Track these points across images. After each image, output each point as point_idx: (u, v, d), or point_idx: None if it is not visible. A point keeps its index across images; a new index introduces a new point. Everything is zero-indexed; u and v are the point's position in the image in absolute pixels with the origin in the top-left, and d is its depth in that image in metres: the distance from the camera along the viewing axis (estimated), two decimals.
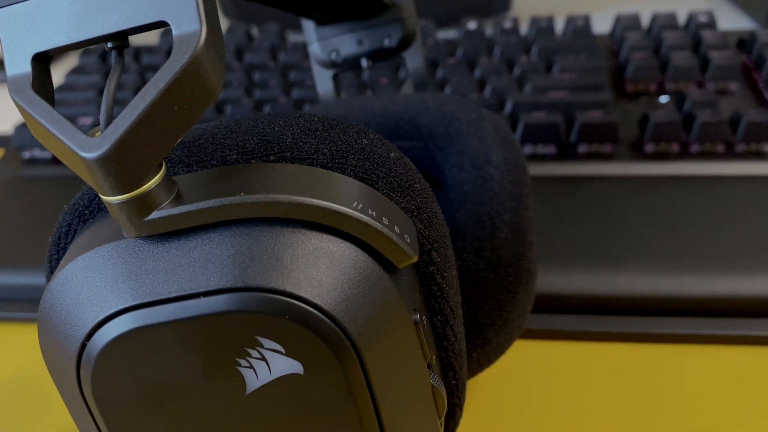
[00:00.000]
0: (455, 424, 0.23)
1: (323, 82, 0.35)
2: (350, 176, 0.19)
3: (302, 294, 0.17)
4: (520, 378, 0.31)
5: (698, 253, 0.34)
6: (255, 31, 0.55)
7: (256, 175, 0.18)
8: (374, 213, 0.18)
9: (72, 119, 0.46)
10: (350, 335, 0.18)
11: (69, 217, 0.21)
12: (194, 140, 0.20)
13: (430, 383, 0.20)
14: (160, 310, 0.17)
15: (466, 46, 0.49)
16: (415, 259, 0.19)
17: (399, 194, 0.20)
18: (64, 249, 0.21)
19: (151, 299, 0.17)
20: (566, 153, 0.42)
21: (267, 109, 0.45)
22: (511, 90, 0.45)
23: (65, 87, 0.50)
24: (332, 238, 0.18)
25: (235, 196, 0.17)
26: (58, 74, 0.54)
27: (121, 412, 0.19)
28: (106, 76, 0.50)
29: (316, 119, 0.21)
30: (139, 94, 0.16)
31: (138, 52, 0.52)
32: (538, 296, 0.34)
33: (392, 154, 0.21)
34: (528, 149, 0.42)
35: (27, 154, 0.46)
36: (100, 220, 0.20)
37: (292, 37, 0.54)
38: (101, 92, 0.48)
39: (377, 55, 0.34)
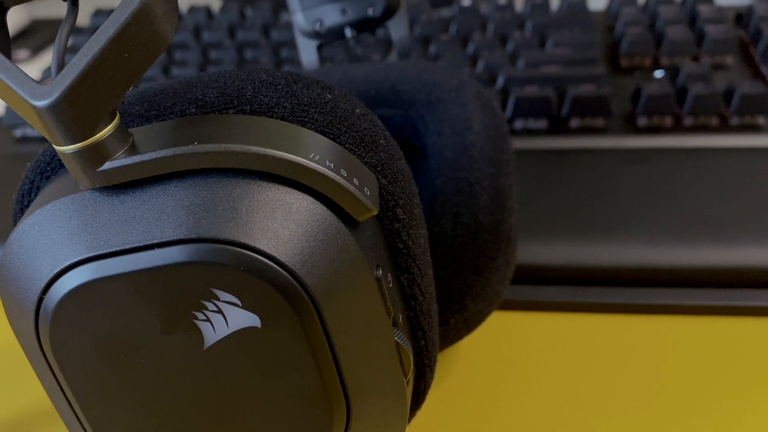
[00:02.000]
0: (426, 386, 0.23)
1: (307, 53, 0.35)
2: (311, 129, 0.19)
3: (257, 245, 0.17)
4: (504, 348, 0.31)
5: (687, 224, 0.34)
6: (248, 10, 0.54)
7: (212, 126, 0.18)
8: (332, 165, 0.18)
9: None
10: (307, 287, 0.17)
11: (31, 174, 0.20)
12: (155, 95, 0.20)
13: (394, 341, 0.20)
14: (114, 262, 0.17)
15: (459, 22, 0.49)
16: (375, 212, 0.18)
17: (362, 149, 0.20)
18: (28, 206, 0.21)
19: (105, 251, 0.17)
20: (558, 127, 0.41)
21: None
22: (504, 65, 0.44)
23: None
24: (289, 189, 0.18)
25: (188, 146, 0.17)
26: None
27: (81, 366, 0.19)
28: None
29: (279, 75, 0.21)
30: (89, 41, 0.16)
31: None
32: (524, 267, 0.33)
33: (357, 110, 0.21)
34: (519, 124, 0.42)
35: (18, 132, 0.46)
36: (60, 176, 0.20)
37: (285, 16, 0.54)
38: None
39: (361, 25, 0.34)
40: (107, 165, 0.17)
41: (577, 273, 0.33)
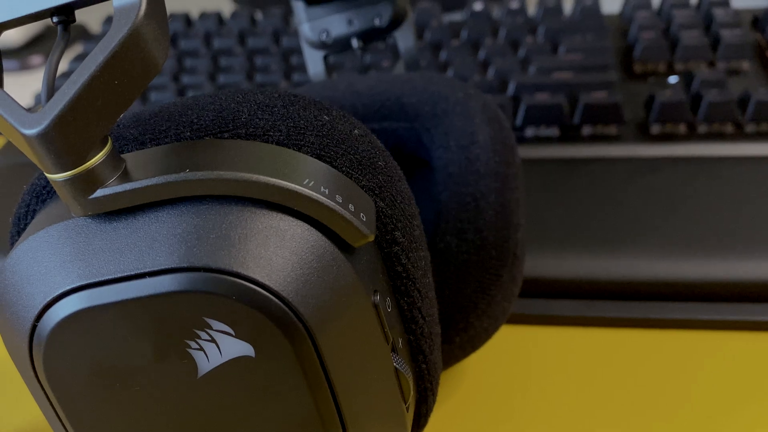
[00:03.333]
0: (428, 409, 0.23)
1: (314, 63, 0.35)
2: (307, 153, 0.19)
3: (250, 273, 0.17)
4: (512, 364, 0.31)
5: (700, 236, 0.33)
6: (259, 15, 0.54)
7: (206, 151, 0.18)
8: (327, 191, 0.17)
9: None
10: (302, 316, 0.17)
11: (28, 197, 0.20)
12: (150, 118, 0.20)
13: (393, 367, 0.20)
14: (106, 291, 0.17)
15: (470, 27, 0.48)
16: (371, 238, 0.18)
17: (359, 172, 0.19)
18: (24, 229, 0.21)
19: (97, 279, 0.17)
20: (569, 135, 0.41)
21: None
22: (515, 71, 0.44)
23: (69, 74, 0.50)
24: (283, 216, 0.17)
25: (179, 173, 0.17)
26: (64, 62, 0.54)
27: (75, 393, 0.18)
28: None
29: (276, 95, 0.20)
30: (79, 67, 0.16)
31: None
32: (533, 280, 0.33)
33: (355, 131, 0.20)
34: (530, 131, 0.41)
35: None
36: (55, 201, 0.19)
37: (296, 23, 0.54)
38: None
39: (368, 35, 0.34)
40: (98, 192, 0.17)
41: (587, 286, 0.33)
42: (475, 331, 0.26)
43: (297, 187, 0.17)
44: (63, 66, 0.52)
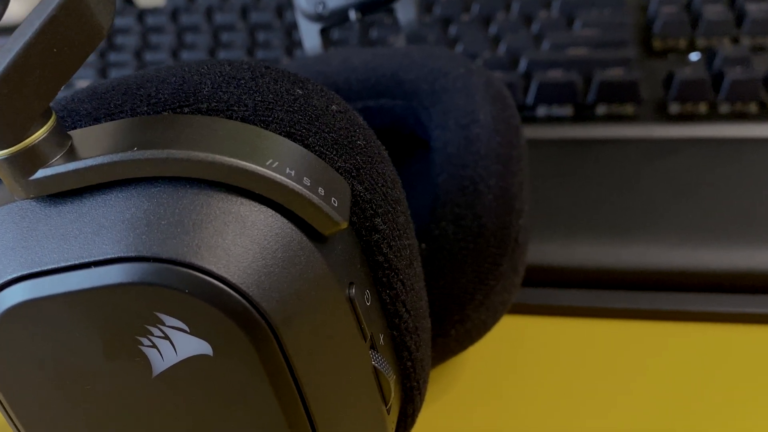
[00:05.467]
0: (415, 410, 0.21)
1: (310, 37, 0.33)
2: (275, 131, 0.17)
3: (204, 264, 0.15)
4: (514, 357, 0.29)
5: (720, 223, 0.31)
6: None
7: (161, 128, 0.16)
8: (293, 172, 0.16)
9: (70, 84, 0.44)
10: (264, 312, 0.15)
11: None
12: (106, 91, 0.18)
13: (372, 366, 0.18)
14: (50, 281, 0.16)
15: (482, 0, 0.46)
16: (344, 226, 0.16)
17: (335, 152, 0.17)
18: None
19: (40, 269, 0.16)
20: (583, 114, 0.39)
21: None
22: (527, 47, 0.42)
23: None
24: (244, 201, 0.16)
25: (127, 152, 0.15)
26: None
27: (24, 390, 0.17)
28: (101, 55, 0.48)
29: (246, 67, 0.18)
30: (13, 35, 0.14)
31: (142, 14, 0.50)
32: (538, 268, 0.31)
33: (333, 106, 0.18)
34: (542, 110, 0.39)
35: None
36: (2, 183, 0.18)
37: None
38: (102, 55, 0.47)
39: (366, 7, 0.32)
40: (40, 173, 0.15)
41: (597, 275, 0.31)
42: (472, 323, 0.25)
43: (257, 168, 0.15)
44: None
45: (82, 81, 0.45)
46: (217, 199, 0.15)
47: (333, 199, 0.16)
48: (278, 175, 0.15)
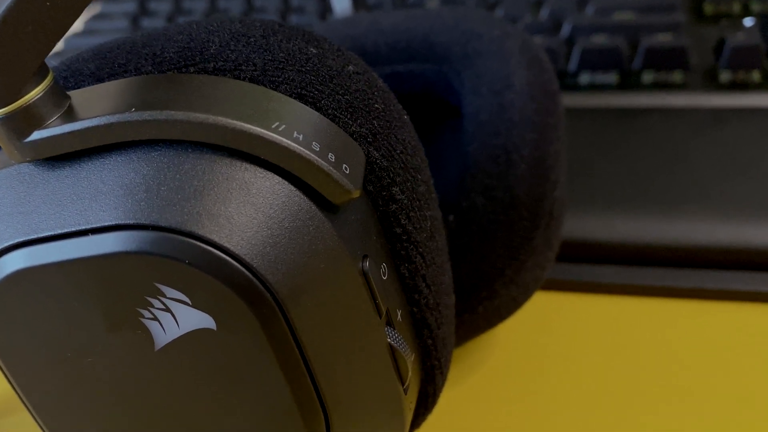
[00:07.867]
0: (437, 389, 0.20)
1: (340, 0, 0.32)
2: (285, 92, 0.16)
3: (206, 234, 0.14)
4: (547, 335, 0.28)
5: None
6: None
7: (163, 88, 0.15)
8: (301, 136, 0.15)
9: None
10: (269, 285, 0.14)
11: None
12: (110, 50, 0.17)
13: (387, 343, 0.17)
14: (46, 249, 0.15)
15: None
16: (356, 194, 0.15)
17: (349, 115, 0.16)
18: None
19: (37, 235, 0.15)
20: (629, 82, 0.37)
21: None
22: (571, 11, 0.40)
23: (86, 32, 0.48)
24: (249, 166, 0.15)
25: (125, 113, 0.14)
26: (80, 22, 0.52)
27: (26, 363, 0.16)
28: (134, 21, 0.47)
29: (257, 25, 0.17)
30: None
31: None
32: (577, 243, 0.30)
33: (350, 67, 0.17)
34: (585, 78, 0.37)
35: None
36: None
37: None
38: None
39: None
40: (35, 135, 0.14)
41: (639, 251, 0.29)
42: (501, 300, 0.23)
43: (261, 131, 0.14)
44: (79, 26, 0.50)
45: None
46: (220, 165, 0.14)
47: (345, 165, 0.15)
48: (284, 139, 0.14)
